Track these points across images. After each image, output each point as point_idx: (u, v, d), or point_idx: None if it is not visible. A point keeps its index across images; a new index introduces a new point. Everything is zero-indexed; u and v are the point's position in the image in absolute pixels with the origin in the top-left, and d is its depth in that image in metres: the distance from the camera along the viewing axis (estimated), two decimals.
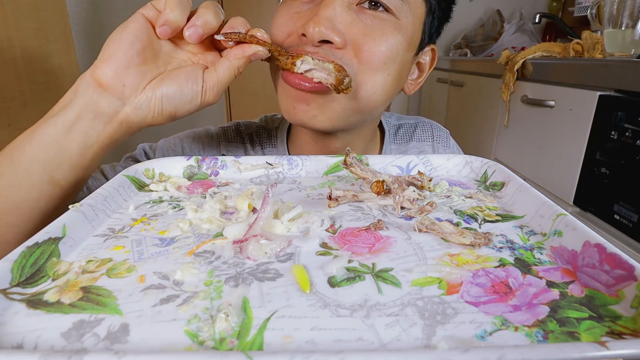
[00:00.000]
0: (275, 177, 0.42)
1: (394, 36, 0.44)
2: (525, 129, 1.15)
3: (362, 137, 0.55)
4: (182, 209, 0.34)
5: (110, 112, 0.37)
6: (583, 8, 1.57)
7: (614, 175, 0.80)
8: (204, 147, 0.58)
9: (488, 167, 0.42)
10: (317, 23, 0.40)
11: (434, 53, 0.53)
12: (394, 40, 0.44)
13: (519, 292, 0.22)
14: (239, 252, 0.26)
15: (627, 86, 0.78)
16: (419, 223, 0.30)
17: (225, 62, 0.40)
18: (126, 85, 0.37)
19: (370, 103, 0.46)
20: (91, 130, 0.37)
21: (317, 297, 0.22)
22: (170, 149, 0.56)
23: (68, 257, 0.26)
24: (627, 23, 0.88)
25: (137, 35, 0.37)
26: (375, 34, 0.43)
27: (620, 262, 0.23)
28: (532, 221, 0.31)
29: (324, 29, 0.40)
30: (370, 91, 0.44)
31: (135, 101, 0.38)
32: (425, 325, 0.20)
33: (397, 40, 0.44)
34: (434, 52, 0.53)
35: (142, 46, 0.37)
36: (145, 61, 0.38)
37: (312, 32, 0.40)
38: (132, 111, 0.38)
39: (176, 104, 0.39)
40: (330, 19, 0.41)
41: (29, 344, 0.19)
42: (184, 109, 0.40)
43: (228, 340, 0.19)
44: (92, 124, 0.37)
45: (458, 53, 1.94)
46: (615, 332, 0.19)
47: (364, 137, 0.56)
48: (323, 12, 0.41)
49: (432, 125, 0.64)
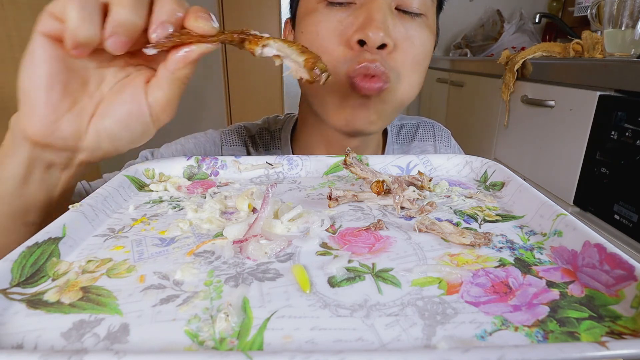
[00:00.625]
0: (275, 177, 0.42)
1: (427, 37, 0.46)
2: (525, 129, 1.15)
3: (377, 135, 0.56)
4: (182, 209, 0.34)
5: (62, 161, 0.33)
6: (583, 8, 1.57)
7: (614, 175, 0.80)
8: (206, 152, 0.57)
9: (488, 167, 0.42)
10: (378, 28, 0.41)
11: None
12: (428, 41, 0.46)
13: (519, 292, 0.22)
14: (239, 252, 0.26)
15: (627, 86, 0.78)
16: (419, 223, 0.30)
17: (167, 76, 0.32)
18: (66, 138, 0.31)
19: (406, 101, 0.48)
20: (49, 178, 0.34)
21: (317, 297, 0.22)
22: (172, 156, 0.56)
23: (68, 257, 0.26)
24: (627, 23, 0.88)
25: (50, 72, 0.29)
26: (415, 37, 0.45)
27: (620, 262, 0.23)
28: (532, 221, 0.31)
29: (383, 33, 0.41)
30: (409, 89, 0.47)
31: (84, 146, 0.33)
32: (425, 325, 0.20)
33: (430, 40, 0.47)
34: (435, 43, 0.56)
35: (62, 84, 0.30)
36: (75, 99, 0.31)
37: (375, 38, 0.41)
38: (87, 155, 0.33)
39: (128, 140, 0.34)
40: (384, 22, 0.42)
41: (29, 344, 0.19)
42: (139, 142, 0.35)
43: (228, 340, 0.19)
44: (47, 174, 0.33)
45: (458, 53, 1.94)
46: (615, 332, 0.19)
47: (377, 135, 0.57)
48: (378, 16, 0.41)
49: (433, 125, 0.65)
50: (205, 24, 0.30)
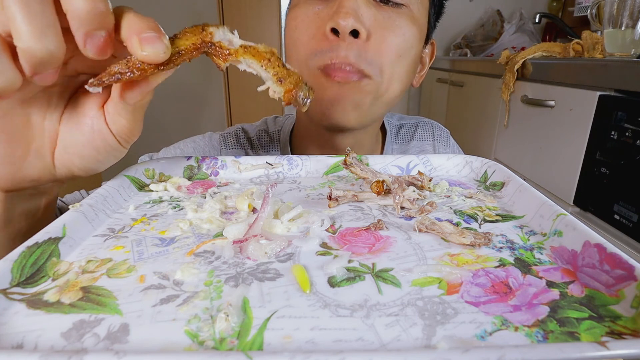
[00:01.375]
0: (275, 177, 0.42)
1: (409, 28, 0.45)
2: (525, 129, 1.14)
3: (369, 134, 0.56)
4: (182, 209, 0.34)
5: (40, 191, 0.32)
6: (583, 8, 1.57)
7: (614, 175, 0.80)
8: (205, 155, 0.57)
9: (488, 167, 0.42)
10: (347, 14, 0.41)
11: (433, 47, 0.55)
12: (409, 33, 0.45)
13: (519, 292, 0.22)
14: (239, 252, 0.26)
15: (627, 86, 0.78)
16: (419, 223, 0.30)
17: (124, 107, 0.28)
18: (36, 179, 0.30)
19: (390, 95, 0.47)
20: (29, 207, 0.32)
21: (317, 297, 0.22)
22: None
23: (68, 257, 0.26)
24: (627, 23, 0.88)
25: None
26: (394, 26, 0.44)
27: (620, 262, 0.23)
28: (532, 221, 0.31)
29: (352, 19, 0.41)
30: (391, 82, 0.46)
31: (59, 176, 0.31)
32: (425, 325, 0.20)
33: (413, 32, 0.46)
34: (433, 46, 0.55)
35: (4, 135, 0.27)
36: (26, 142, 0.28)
37: (345, 24, 0.41)
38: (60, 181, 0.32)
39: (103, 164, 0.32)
40: (355, 10, 0.41)
41: (29, 344, 0.19)
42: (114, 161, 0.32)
43: (228, 340, 0.19)
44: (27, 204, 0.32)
45: (458, 53, 1.94)
46: (615, 332, 0.19)
47: (370, 134, 0.56)
48: (348, 3, 0.41)
49: (432, 125, 0.65)
50: (154, 49, 0.23)
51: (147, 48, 0.23)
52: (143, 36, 0.23)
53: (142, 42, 0.23)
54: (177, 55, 0.25)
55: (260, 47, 0.28)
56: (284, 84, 0.28)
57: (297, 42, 0.45)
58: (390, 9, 0.44)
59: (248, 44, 0.28)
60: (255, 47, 0.28)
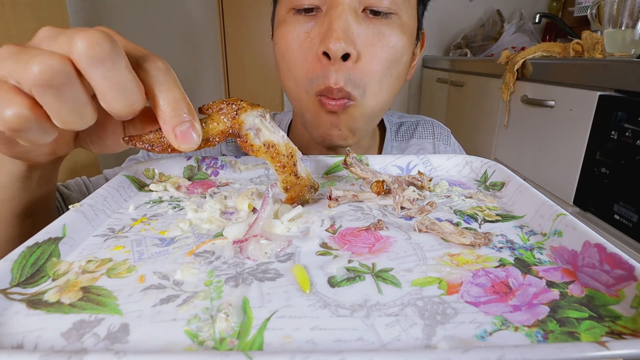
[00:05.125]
0: (275, 177, 0.42)
1: (399, 39, 0.44)
2: (525, 129, 1.15)
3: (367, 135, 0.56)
4: (182, 209, 0.34)
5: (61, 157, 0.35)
6: (583, 8, 1.57)
7: (614, 175, 0.80)
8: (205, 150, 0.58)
9: (488, 167, 0.42)
10: (338, 39, 0.40)
11: (423, 36, 0.54)
12: (399, 44, 0.44)
13: (519, 292, 0.22)
14: (239, 252, 0.26)
15: (627, 86, 0.78)
16: (419, 223, 0.30)
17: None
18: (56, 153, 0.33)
19: (377, 111, 0.47)
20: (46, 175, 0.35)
21: (317, 297, 0.22)
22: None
23: (68, 257, 0.26)
24: (627, 23, 0.88)
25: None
26: (383, 41, 0.43)
27: (620, 262, 0.23)
28: (532, 221, 0.31)
29: (344, 43, 0.40)
30: (376, 100, 0.46)
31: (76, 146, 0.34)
32: (425, 325, 0.20)
33: (402, 42, 0.45)
34: (423, 35, 0.54)
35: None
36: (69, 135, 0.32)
37: (336, 50, 0.40)
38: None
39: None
40: (345, 31, 0.41)
41: (29, 344, 0.19)
42: None
43: (228, 340, 0.19)
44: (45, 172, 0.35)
45: (458, 53, 1.94)
46: (615, 332, 0.19)
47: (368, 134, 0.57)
48: (338, 25, 0.40)
49: (433, 124, 0.65)
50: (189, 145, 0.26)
51: (182, 146, 0.26)
52: (178, 130, 0.26)
53: (178, 137, 0.26)
54: (205, 142, 0.28)
55: (281, 148, 0.30)
56: (289, 191, 0.32)
57: (291, 64, 0.45)
58: (379, 21, 0.43)
59: (272, 140, 0.30)
60: (277, 148, 0.30)
